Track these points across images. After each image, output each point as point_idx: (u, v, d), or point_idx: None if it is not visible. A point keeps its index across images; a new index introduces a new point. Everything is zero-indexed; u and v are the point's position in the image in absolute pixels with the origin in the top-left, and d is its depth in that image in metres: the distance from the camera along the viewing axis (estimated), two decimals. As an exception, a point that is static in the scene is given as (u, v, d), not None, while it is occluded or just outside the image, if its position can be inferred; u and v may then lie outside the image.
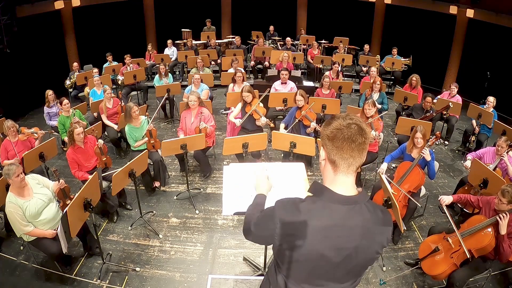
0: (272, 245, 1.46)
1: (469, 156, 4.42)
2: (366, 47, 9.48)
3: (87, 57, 9.19)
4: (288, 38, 9.55)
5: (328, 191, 1.35)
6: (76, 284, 3.43)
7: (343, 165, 1.33)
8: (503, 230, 2.86)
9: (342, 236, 1.34)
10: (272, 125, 5.17)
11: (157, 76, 7.45)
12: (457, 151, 6.25)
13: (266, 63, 8.87)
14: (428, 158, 3.90)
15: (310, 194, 1.40)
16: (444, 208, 3.38)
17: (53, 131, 4.95)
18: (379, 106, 6.09)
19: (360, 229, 1.35)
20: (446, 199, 3.43)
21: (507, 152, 4.08)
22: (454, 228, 3.08)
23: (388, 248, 3.94)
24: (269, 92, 5.86)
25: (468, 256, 2.91)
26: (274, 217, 1.38)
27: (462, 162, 5.77)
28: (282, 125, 5.15)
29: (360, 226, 1.34)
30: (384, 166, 4.21)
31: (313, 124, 4.81)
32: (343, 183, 1.36)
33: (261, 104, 5.18)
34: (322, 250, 1.34)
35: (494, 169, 4.05)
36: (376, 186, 4.23)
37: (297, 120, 5.00)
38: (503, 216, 2.87)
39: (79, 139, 4.18)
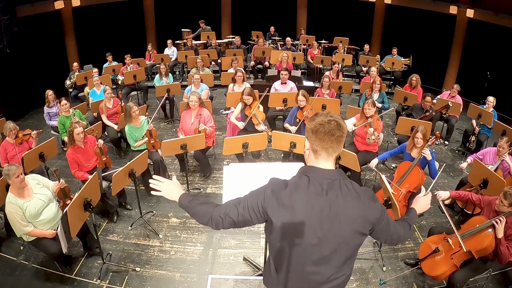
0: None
1: (469, 158, 4.40)
2: (366, 47, 9.48)
3: (87, 57, 9.19)
4: (288, 38, 9.55)
5: (310, 168, 1.62)
6: (76, 284, 3.43)
7: (323, 153, 1.58)
8: (500, 234, 2.87)
9: (323, 206, 1.54)
10: (270, 133, 5.15)
11: (157, 76, 7.45)
12: (457, 151, 6.25)
13: (266, 63, 8.87)
14: (429, 157, 3.90)
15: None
16: (443, 208, 3.37)
17: (41, 130, 4.97)
18: (380, 105, 6.09)
19: (339, 200, 1.55)
20: (443, 195, 3.34)
21: (508, 153, 4.07)
22: (454, 229, 3.07)
23: (388, 248, 3.94)
24: (268, 92, 5.86)
25: (464, 249, 2.90)
26: (265, 188, 1.62)
27: (462, 162, 5.77)
28: (287, 125, 5.14)
29: (339, 197, 1.55)
30: (374, 161, 4.23)
31: None
32: (323, 165, 1.60)
33: (261, 108, 5.17)
34: (306, 219, 1.54)
35: (496, 170, 4.04)
36: (376, 186, 4.23)
37: (297, 120, 5.00)
38: (500, 221, 2.87)
39: (79, 139, 4.18)
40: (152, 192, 1.96)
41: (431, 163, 3.96)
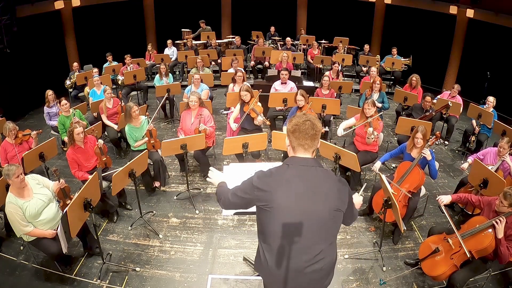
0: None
1: (470, 158, 4.40)
2: (366, 47, 9.48)
3: (87, 57, 9.19)
4: (288, 38, 9.56)
5: (290, 158, 1.92)
6: (76, 284, 3.43)
7: (300, 148, 1.88)
8: (500, 234, 2.87)
9: (301, 188, 1.82)
10: (268, 122, 5.16)
11: (157, 76, 7.45)
12: (457, 151, 6.25)
13: (266, 63, 8.87)
14: (429, 157, 3.90)
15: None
16: (443, 208, 3.37)
17: (41, 130, 4.97)
18: (380, 105, 6.09)
19: (315, 184, 1.84)
20: (445, 199, 3.39)
21: (509, 154, 4.06)
22: (454, 229, 3.07)
23: (388, 248, 3.94)
24: (267, 92, 5.86)
25: (467, 253, 2.90)
26: (253, 176, 1.91)
27: (462, 162, 5.76)
28: (285, 128, 5.13)
29: (315, 182, 1.84)
30: (377, 165, 4.24)
31: None
32: (301, 155, 1.89)
33: (259, 103, 5.18)
34: (287, 199, 1.80)
35: (496, 171, 4.04)
36: (376, 186, 4.23)
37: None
38: (500, 221, 2.87)
39: (79, 139, 4.18)
40: (207, 179, 2.35)
41: (431, 163, 3.96)
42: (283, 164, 1.91)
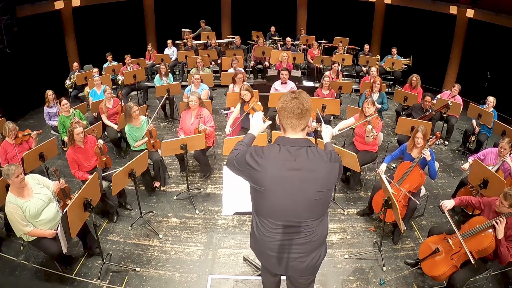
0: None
1: (470, 159, 4.40)
2: (366, 47, 9.48)
3: (87, 57, 9.19)
4: (288, 38, 9.56)
5: (281, 138, 1.94)
6: (76, 284, 3.43)
7: (288, 127, 1.91)
8: (500, 235, 2.87)
9: (292, 168, 1.84)
10: (268, 120, 5.15)
11: (157, 76, 7.45)
12: (457, 151, 6.25)
13: (266, 63, 8.86)
14: (429, 158, 3.90)
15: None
16: (445, 211, 3.36)
17: (41, 131, 4.98)
18: (379, 106, 6.09)
19: (306, 164, 1.85)
20: (448, 204, 3.33)
21: (509, 154, 4.06)
22: (455, 229, 3.07)
23: (388, 248, 3.94)
24: (267, 92, 5.85)
25: (471, 259, 2.89)
26: (246, 152, 1.95)
27: (462, 162, 5.77)
28: None
29: (306, 161, 1.85)
30: (383, 167, 4.21)
31: (314, 124, 4.81)
32: (292, 135, 1.92)
33: (259, 103, 5.18)
34: (278, 178, 1.84)
35: (497, 171, 4.03)
36: (376, 186, 4.23)
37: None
38: (500, 221, 2.87)
39: (79, 139, 4.18)
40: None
41: (430, 164, 3.96)
42: (274, 144, 1.93)
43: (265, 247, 2.03)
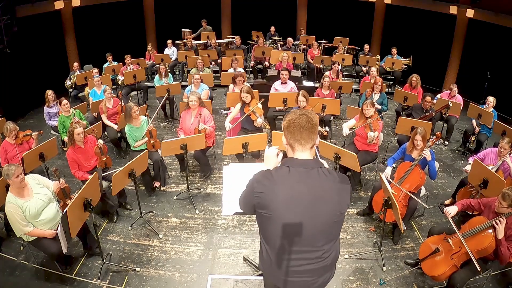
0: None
1: (471, 160, 4.39)
2: (366, 47, 9.48)
3: (87, 57, 9.19)
4: (289, 38, 9.57)
5: (290, 159, 1.83)
6: (76, 284, 3.43)
7: (297, 146, 1.80)
8: (500, 235, 2.87)
9: (303, 192, 1.73)
10: (268, 126, 5.16)
11: (157, 76, 7.45)
12: (457, 151, 6.25)
13: (266, 63, 8.87)
14: (429, 158, 3.90)
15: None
16: (449, 218, 3.34)
17: (42, 132, 4.99)
18: (379, 107, 6.09)
19: (318, 187, 1.75)
20: (452, 211, 3.29)
21: (509, 154, 4.06)
22: (455, 229, 3.07)
23: (388, 248, 3.94)
24: (267, 92, 5.84)
25: (473, 260, 2.88)
26: (252, 181, 1.82)
27: (462, 162, 5.77)
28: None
29: (318, 185, 1.75)
30: (388, 171, 4.18)
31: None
32: (300, 156, 1.82)
33: (260, 106, 5.18)
34: (288, 204, 1.73)
35: (497, 171, 4.03)
36: (376, 186, 4.23)
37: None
38: (500, 221, 2.87)
39: (79, 139, 4.18)
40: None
41: (430, 164, 3.96)
42: (282, 166, 1.82)
43: (275, 271, 1.90)
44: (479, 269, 2.87)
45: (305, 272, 1.86)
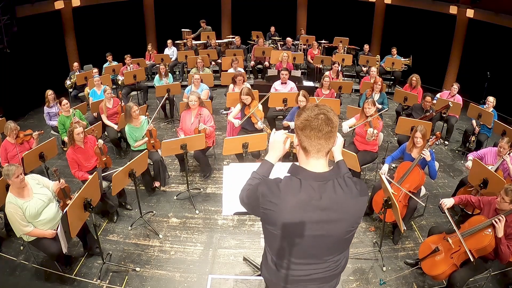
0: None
1: (470, 156, 4.40)
2: (366, 47, 9.48)
3: (87, 57, 9.19)
4: (288, 38, 9.57)
5: (302, 170, 1.55)
6: (76, 284, 3.43)
7: (313, 151, 1.51)
8: (500, 233, 2.87)
9: (317, 209, 1.49)
10: (269, 131, 5.16)
11: (157, 76, 7.45)
12: (457, 151, 6.25)
13: (266, 63, 8.87)
14: (428, 158, 3.90)
15: (288, 175, 1.58)
16: (444, 208, 3.37)
17: (43, 131, 4.99)
18: (380, 106, 6.09)
19: (333, 203, 1.51)
20: (448, 203, 3.35)
21: (509, 154, 4.06)
22: (455, 228, 3.07)
23: (388, 248, 3.94)
24: (268, 92, 5.85)
25: (470, 258, 2.90)
26: (257, 191, 1.57)
27: (462, 162, 5.77)
28: (286, 122, 5.17)
29: (333, 200, 1.51)
30: (385, 168, 4.20)
31: None
32: (315, 165, 1.54)
33: (260, 107, 5.17)
34: (299, 223, 1.50)
35: (496, 171, 4.04)
36: (376, 186, 4.23)
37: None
38: (499, 220, 2.87)
39: (79, 139, 4.18)
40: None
41: (430, 164, 3.96)
42: (292, 177, 1.55)
43: (280, 280, 1.73)
44: (472, 260, 2.89)
45: (313, 280, 1.70)
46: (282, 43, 9.91)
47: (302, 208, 1.49)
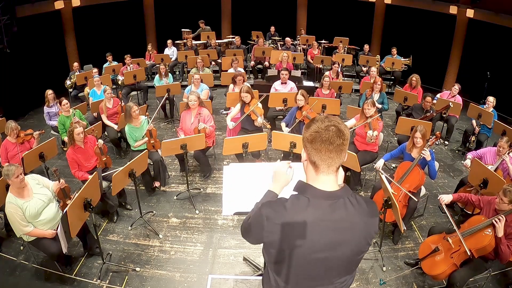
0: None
1: (469, 155, 4.41)
2: (366, 47, 9.47)
3: (87, 57, 9.19)
4: (287, 38, 9.57)
5: (310, 188, 1.42)
6: (76, 284, 3.43)
7: (323, 165, 1.39)
8: (500, 233, 2.87)
9: (326, 230, 1.38)
10: (268, 126, 5.17)
11: (157, 76, 7.45)
12: (457, 151, 6.25)
13: (266, 63, 8.87)
14: (428, 158, 3.90)
15: (295, 193, 1.45)
16: (444, 208, 3.38)
17: (44, 131, 5.00)
18: (380, 106, 6.09)
19: (344, 223, 1.39)
20: (446, 198, 3.43)
21: (508, 153, 4.06)
22: (455, 227, 3.08)
23: (388, 248, 3.94)
24: (268, 92, 5.85)
25: (469, 254, 2.90)
26: (261, 215, 1.43)
27: (462, 162, 5.77)
28: (283, 124, 5.17)
29: (344, 220, 1.39)
30: (380, 162, 4.21)
31: None
32: (324, 181, 1.42)
33: (260, 105, 5.18)
34: (307, 245, 1.38)
35: (496, 170, 4.04)
36: (376, 186, 4.23)
37: (297, 121, 5.00)
38: (499, 219, 2.87)
39: (79, 139, 4.18)
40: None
41: (430, 164, 3.96)
42: (300, 196, 1.42)
43: None
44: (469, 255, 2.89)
45: None
46: (282, 43, 9.91)
47: (309, 234, 1.37)
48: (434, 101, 6.25)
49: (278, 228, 1.39)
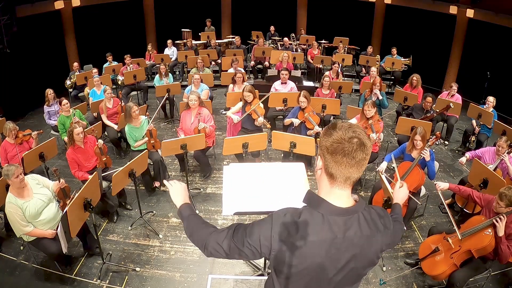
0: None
1: (467, 154, 4.42)
2: (370, 49, 9.32)
3: (87, 57, 9.19)
4: (285, 38, 9.58)
5: (325, 203, 1.33)
6: (76, 284, 3.43)
7: (340, 179, 1.31)
8: (501, 232, 2.87)
9: (341, 247, 1.32)
10: (268, 125, 5.17)
11: (157, 76, 7.45)
12: (457, 151, 6.25)
13: (266, 63, 8.87)
14: (428, 158, 3.90)
15: (304, 204, 1.38)
16: (445, 206, 3.38)
17: (42, 131, 5.00)
18: (380, 97, 6.02)
19: (358, 238, 1.33)
20: (442, 185, 3.49)
21: (507, 153, 4.07)
22: (455, 227, 3.08)
23: (388, 248, 3.94)
24: (268, 92, 5.86)
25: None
26: (271, 230, 1.33)
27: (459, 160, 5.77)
28: (287, 120, 5.18)
29: (358, 235, 1.33)
30: (383, 165, 4.21)
31: (317, 128, 4.83)
32: (339, 196, 1.35)
33: (261, 105, 5.19)
34: (321, 264, 1.32)
35: (495, 170, 4.04)
36: (376, 186, 4.23)
37: (299, 122, 5.01)
38: (500, 219, 2.87)
39: (79, 139, 4.18)
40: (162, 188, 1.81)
41: (429, 164, 3.96)
42: (314, 211, 1.32)
43: None
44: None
45: None
46: (282, 43, 9.92)
47: (325, 249, 1.30)
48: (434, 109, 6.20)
49: (291, 248, 1.30)
